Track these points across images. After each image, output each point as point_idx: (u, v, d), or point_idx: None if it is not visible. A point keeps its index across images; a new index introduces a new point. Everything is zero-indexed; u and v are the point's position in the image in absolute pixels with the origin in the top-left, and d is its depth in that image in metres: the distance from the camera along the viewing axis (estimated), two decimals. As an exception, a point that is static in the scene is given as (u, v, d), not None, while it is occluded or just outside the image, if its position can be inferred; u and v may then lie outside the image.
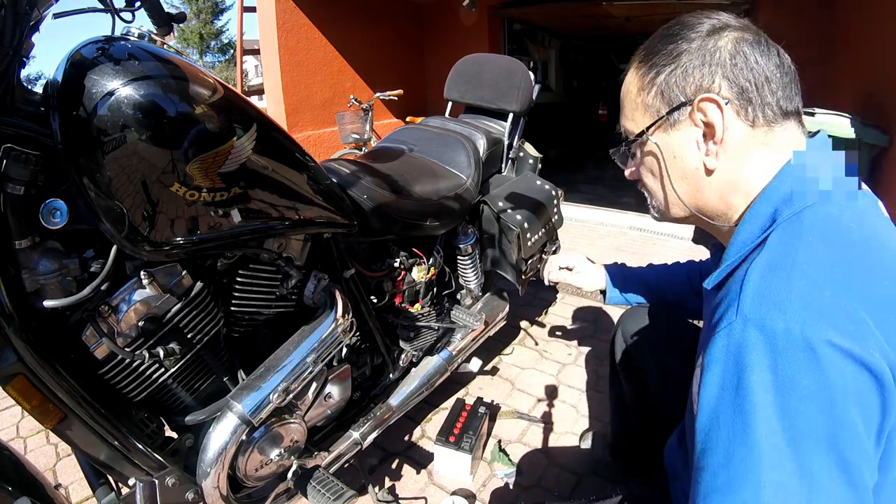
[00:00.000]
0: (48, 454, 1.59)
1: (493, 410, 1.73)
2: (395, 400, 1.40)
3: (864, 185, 0.62)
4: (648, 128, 0.65)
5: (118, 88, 0.69)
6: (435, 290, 1.52)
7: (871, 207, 0.58)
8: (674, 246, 3.17)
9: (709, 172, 0.62)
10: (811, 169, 0.57)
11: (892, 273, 0.50)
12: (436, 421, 1.71)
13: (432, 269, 1.45)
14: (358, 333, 1.28)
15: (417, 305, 1.42)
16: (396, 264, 1.35)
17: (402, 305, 1.40)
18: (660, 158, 0.65)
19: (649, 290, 1.19)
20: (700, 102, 0.59)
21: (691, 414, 0.56)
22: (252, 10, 4.04)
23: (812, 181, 0.57)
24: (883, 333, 0.46)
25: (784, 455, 0.45)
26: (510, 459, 1.51)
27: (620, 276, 1.23)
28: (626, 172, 0.74)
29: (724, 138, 0.60)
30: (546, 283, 1.35)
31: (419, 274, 1.40)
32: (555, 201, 1.79)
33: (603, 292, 1.26)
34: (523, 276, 1.66)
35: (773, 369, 0.46)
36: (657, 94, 0.63)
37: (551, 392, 1.84)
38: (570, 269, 1.29)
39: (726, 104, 0.58)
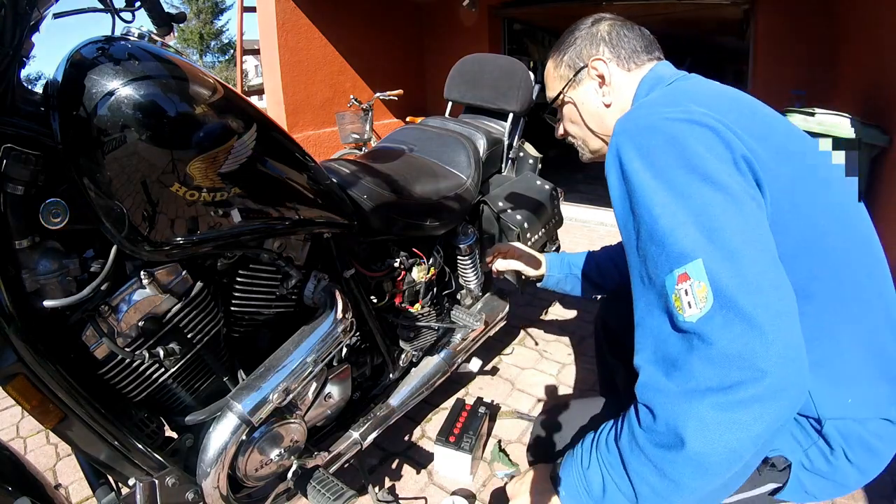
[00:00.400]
0: (48, 454, 1.59)
1: (493, 410, 1.73)
2: (395, 400, 1.40)
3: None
4: (564, 88, 0.94)
5: (118, 88, 0.69)
6: (435, 290, 1.52)
7: (710, 82, 0.83)
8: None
9: (607, 106, 0.90)
10: (656, 74, 0.86)
11: (711, 94, 0.76)
12: (436, 421, 1.71)
13: (432, 269, 1.45)
14: (358, 333, 1.28)
15: (417, 305, 1.42)
16: (396, 264, 1.35)
17: (402, 305, 1.40)
18: (575, 107, 0.94)
19: (594, 271, 1.35)
20: (592, 62, 0.89)
21: None
22: (252, 10, 4.05)
23: (659, 78, 0.85)
24: (706, 108, 0.66)
25: (660, 191, 0.61)
26: (510, 459, 1.51)
27: (558, 262, 1.42)
28: (557, 132, 1.02)
29: (611, 82, 0.89)
30: (493, 274, 1.51)
31: (419, 274, 1.40)
32: (555, 201, 1.79)
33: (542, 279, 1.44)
34: (523, 277, 1.66)
35: (636, 148, 0.65)
36: (565, 67, 0.94)
37: (551, 392, 1.84)
38: (508, 255, 1.45)
39: (609, 62, 0.89)
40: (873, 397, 0.70)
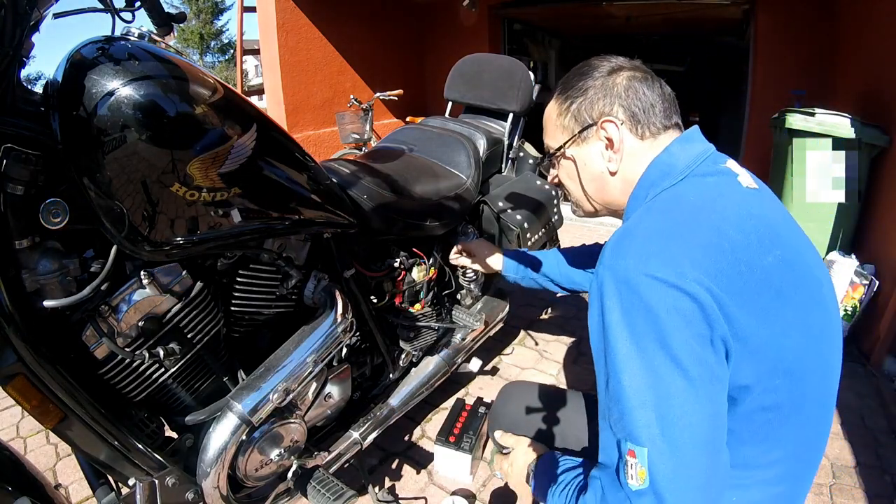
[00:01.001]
0: (48, 454, 1.59)
1: (493, 410, 1.73)
2: (395, 400, 1.40)
3: (732, 162, 0.78)
4: (566, 143, 0.83)
5: (118, 88, 0.69)
6: (435, 290, 1.52)
7: (724, 181, 0.74)
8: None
9: (612, 174, 0.81)
10: (670, 159, 0.76)
11: (712, 227, 0.66)
12: (436, 421, 1.71)
13: (432, 269, 1.45)
14: (358, 333, 1.28)
15: (417, 305, 1.42)
16: (396, 264, 1.35)
17: (402, 305, 1.40)
18: (575, 165, 0.84)
19: (551, 270, 1.33)
20: (603, 123, 0.78)
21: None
22: (252, 10, 4.04)
23: (671, 166, 0.75)
24: (700, 268, 0.62)
25: (633, 359, 0.62)
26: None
27: (515, 257, 1.39)
28: (549, 178, 0.93)
29: (621, 148, 0.78)
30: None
31: (419, 274, 1.40)
32: (555, 201, 1.79)
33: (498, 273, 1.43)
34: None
35: (619, 299, 0.64)
36: (571, 117, 0.82)
37: (551, 392, 1.84)
38: (470, 253, 1.44)
39: (621, 124, 0.78)
40: None
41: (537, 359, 2.07)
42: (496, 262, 1.40)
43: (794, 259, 0.69)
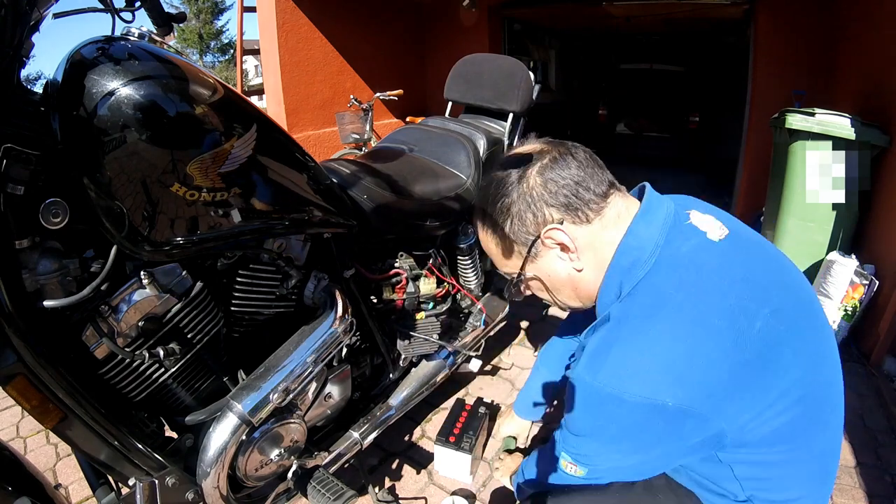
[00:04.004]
0: (48, 454, 1.59)
1: (493, 410, 1.73)
2: (395, 400, 1.40)
3: (694, 214, 0.75)
4: (522, 266, 0.80)
5: (118, 88, 0.69)
6: (440, 303, 1.51)
7: (696, 248, 0.71)
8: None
9: (579, 271, 0.77)
10: (637, 241, 0.72)
11: (696, 328, 0.65)
12: (436, 421, 1.71)
13: (444, 286, 1.45)
14: (358, 334, 1.28)
15: (420, 314, 1.42)
16: (397, 265, 1.34)
17: (404, 311, 1.40)
18: (541, 280, 0.82)
19: (556, 387, 1.31)
20: (545, 233, 0.74)
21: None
22: (252, 10, 4.04)
23: (640, 250, 0.71)
24: (680, 385, 0.63)
25: (597, 434, 0.72)
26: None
27: (524, 401, 1.39)
28: (521, 296, 0.87)
29: (576, 245, 0.74)
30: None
31: (426, 287, 1.39)
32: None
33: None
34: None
35: (590, 410, 0.69)
36: (511, 242, 0.79)
37: (551, 392, 1.84)
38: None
39: (562, 223, 0.74)
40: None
41: (537, 359, 2.07)
42: (519, 422, 1.42)
43: (783, 300, 0.69)
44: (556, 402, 1.61)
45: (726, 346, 0.64)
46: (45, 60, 0.84)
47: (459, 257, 1.59)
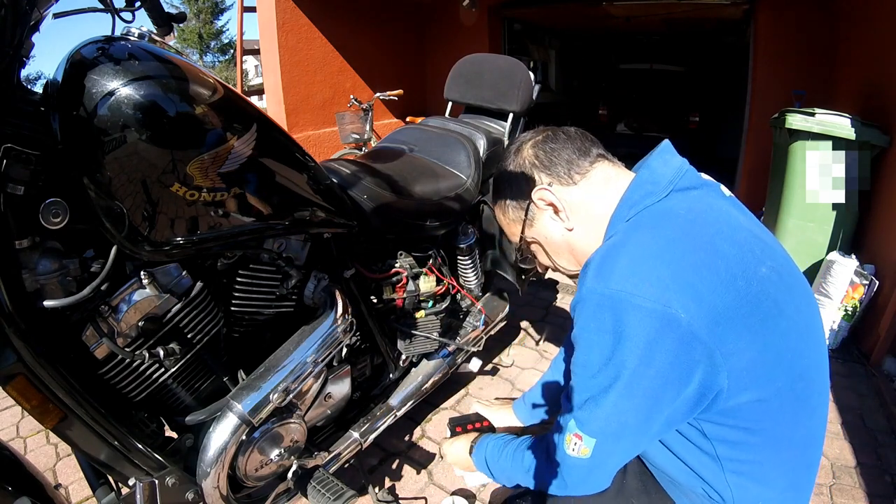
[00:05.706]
0: (48, 454, 1.59)
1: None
2: (395, 400, 1.40)
3: (706, 175, 0.80)
4: (522, 230, 0.87)
5: (118, 88, 0.69)
6: (439, 302, 1.51)
7: (709, 192, 0.76)
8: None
9: (571, 230, 0.82)
10: (653, 175, 0.76)
11: (706, 243, 0.66)
12: (436, 421, 1.71)
13: (443, 284, 1.44)
14: (358, 333, 1.28)
15: (420, 313, 1.42)
16: (397, 265, 1.35)
17: (404, 310, 1.40)
18: (540, 245, 0.88)
19: (556, 391, 1.25)
20: (535, 195, 0.81)
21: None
22: (252, 10, 4.04)
23: (654, 183, 0.74)
24: (690, 294, 0.62)
25: (602, 372, 0.67)
26: None
27: (523, 403, 1.33)
28: (532, 270, 0.93)
29: (564, 205, 0.80)
30: None
31: (426, 285, 1.39)
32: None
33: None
34: (523, 277, 1.66)
35: (599, 322, 0.66)
36: (512, 209, 0.87)
37: (551, 392, 1.84)
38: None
39: (550, 185, 0.81)
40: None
41: (537, 359, 2.07)
42: (509, 415, 1.33)
43: (782, 267, 0.71)
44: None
45: (734, 272, 0.64)
46: (45, 60, 0.84)
47: (459, 257, 1.59)
